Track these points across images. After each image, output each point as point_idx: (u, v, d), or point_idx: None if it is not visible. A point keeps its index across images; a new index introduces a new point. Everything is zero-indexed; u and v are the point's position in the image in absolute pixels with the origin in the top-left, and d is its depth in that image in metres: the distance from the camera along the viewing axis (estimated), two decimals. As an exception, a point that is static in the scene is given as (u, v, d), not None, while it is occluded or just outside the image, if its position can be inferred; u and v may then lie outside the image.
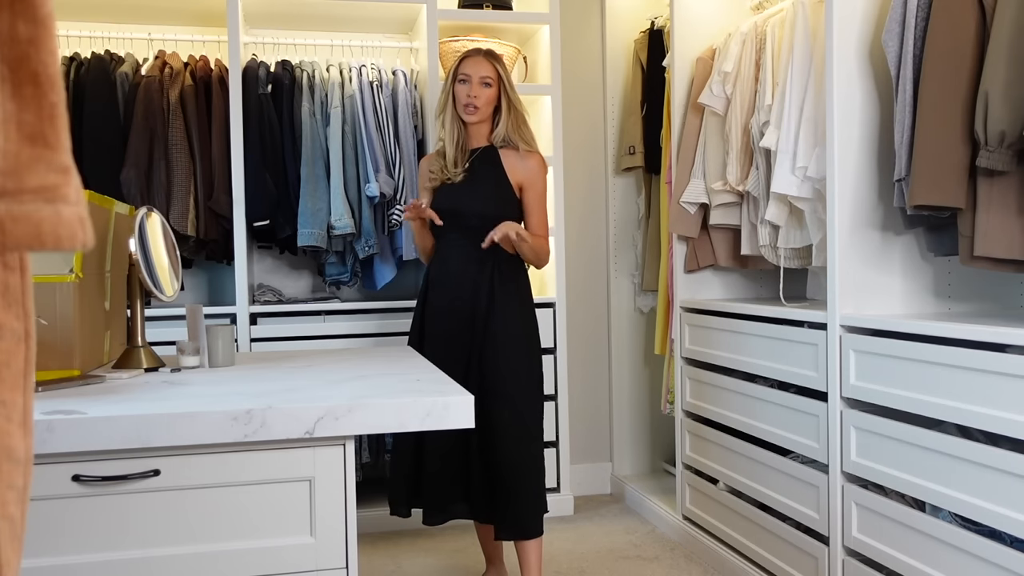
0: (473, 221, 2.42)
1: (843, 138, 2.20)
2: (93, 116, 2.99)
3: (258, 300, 3.29)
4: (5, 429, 0.47)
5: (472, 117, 2.45)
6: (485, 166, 2.47)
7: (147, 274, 1.73)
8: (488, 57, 2.48)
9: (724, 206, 2.81)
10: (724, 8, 3.03)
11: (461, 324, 2.43)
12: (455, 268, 2.46)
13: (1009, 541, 1.73)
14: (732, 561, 2.69)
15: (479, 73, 2.44)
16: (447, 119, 2.49)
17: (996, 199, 1.86)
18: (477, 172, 2.47)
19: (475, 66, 2.45)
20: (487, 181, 2.46)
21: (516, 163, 2.46)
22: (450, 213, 2.44)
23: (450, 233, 2.47)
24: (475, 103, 2.43)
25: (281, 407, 1.27)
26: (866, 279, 2.21)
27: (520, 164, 2.46)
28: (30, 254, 0.48)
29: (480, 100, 2.43)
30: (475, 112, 2.44)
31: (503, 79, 2.47)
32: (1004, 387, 1.70)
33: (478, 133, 2.51)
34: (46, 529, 1.25)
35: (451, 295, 2.45)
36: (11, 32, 0.43)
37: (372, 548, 3.05)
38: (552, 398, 3.32)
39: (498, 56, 2.51)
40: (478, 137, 2.51)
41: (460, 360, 2.40)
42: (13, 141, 0.43)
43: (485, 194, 2.45)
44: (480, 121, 2.47)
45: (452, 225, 2.46)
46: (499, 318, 2.41)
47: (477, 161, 2.48)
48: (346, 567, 1.36)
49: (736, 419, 2.67)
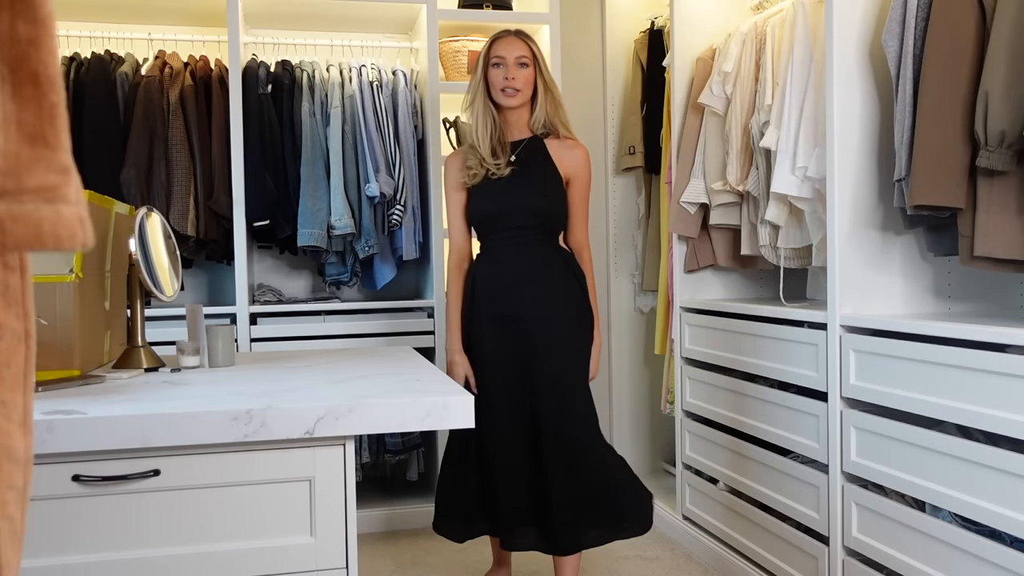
0: (528, 219, 2.27)
1: (843, 138, 2.20)
2: (93, 116, 2.99)
3: (258, 300, 3.29)
4: (5, 429, 0.47)
5: (512, 100, 2.26)
6: (534, 158, 2.30)
7: (147, 274, 1.73)
8: (521, 36, 2.31)
9: (724, 206, 2.81)
10: (724, 8, 3.03)
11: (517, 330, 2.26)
12: (510, 270, 2.28)
13: (1009, 541, 1.73)
14: (732, 561, 2.69)
15: (514, 53, 2.27)
16: (478, 109, 2.30)
17: (996, 199, 1.86)
18: (527, 164, 2.29)
19: (509, 47, 2.28)
20: (539, 174, 2.29)
21: (563, 153, 2.31)
22: (501, 212, 2.28)
23: (502, 232, 2.30)
24: (514, 85, 2.25)
25: (281, 407, 1.27)
26: (866, 279, 2.21)
27: (567, 154, 2.31)
28: (30, 254, 0.48)
29: (519, 81, 2.25)
30: (515, 95, 2.26)
31: (539, 59, 2.30)
32: (1004, 387, 1.70)
33: (517, 122, 2.33)
34: (46, 529, 1.25)
35: (505, 299, 2.28)
36: (11, 32, 0.43)
37: (372, 548, 3.05)
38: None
39: (531, 37, 2.35)
40: (517, 126, 2.33)
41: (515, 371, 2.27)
42: (13, 141, 0.43)
43: (539, 189, 2.28)
44: (520, 105, 2.29)
45: (504, 223, 2.28)
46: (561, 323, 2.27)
47: (524, 153, 2.31)
48: (346, 567, 1.36)
49: (736, 419, 2.67)
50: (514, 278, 2.27)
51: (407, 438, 3.38)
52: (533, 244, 2.27)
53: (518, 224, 2.27)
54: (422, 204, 3.37)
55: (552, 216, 2.28)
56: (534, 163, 2.29)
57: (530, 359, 2.26)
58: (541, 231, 2.28)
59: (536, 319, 2.26)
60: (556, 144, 2.32)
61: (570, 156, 2.31)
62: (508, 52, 2.27)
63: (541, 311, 2.27)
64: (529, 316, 2.26)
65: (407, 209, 3.24)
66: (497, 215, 2.28)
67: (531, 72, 2.28)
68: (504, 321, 2.28)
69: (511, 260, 2.29)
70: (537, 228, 2.27)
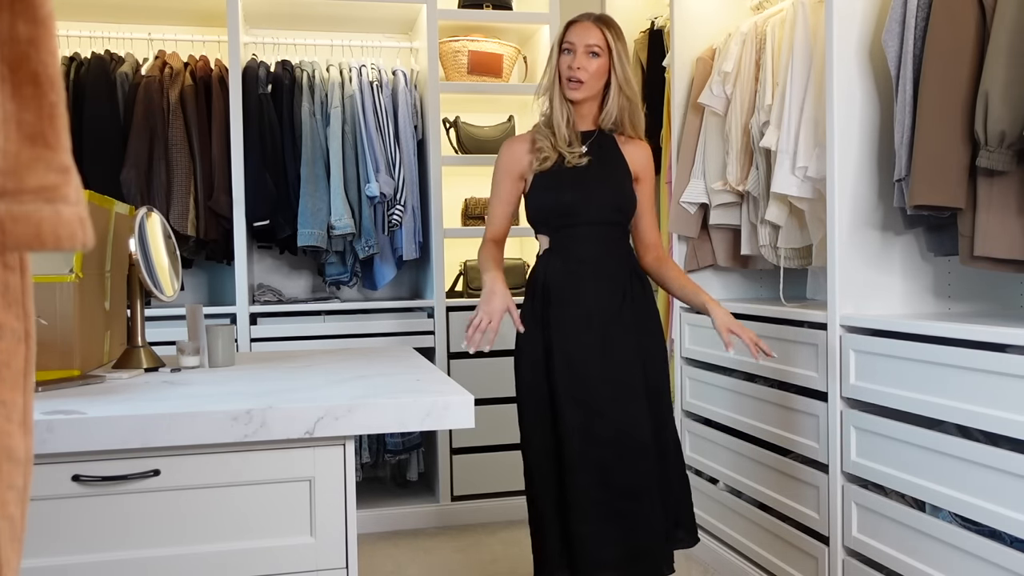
0: (609, 214, 2.08)
1: (843, 138, 2.20)
2: (93, 116, 2.99)
3: (258, 300, 3.29)
4: (5, 429, 0.47)
5: (576, 93, 2.05)
6: (606, 150, 2.12)
7: (147, 274, 1.73)
8: (599, 23, 2.07)
9: (724, 206, 2.81)
10: (724, 8, 3.03)
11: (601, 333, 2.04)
12: (590, 270, 2.07)
13: (1009, 541, 1.73)
14: (732, 561, 2.69)
15: (585, 40, 2.04)
16: (555, 97, 2.10)
17: (996, 199, 1.86)
18: (601, 155, 2.10)
19: (582, 33, 2.06)
20: (615, 167, 2.10)
21: (631, 149, 2.14)
22: (580, 202, 2.06)
23: (579, 227, 2.07)
24: (579, 76, 2.03)
25: (281, 407, 1.27)
26: (866, 279, 2.21)
27: (636, 151, 2.14)
28: (30, 254, 0.48)
29: (584, 72, 2.04)
30: (579, 87, 2.04)
31: (614, 50, 2.06)
32: (1004, 387, 1.70)
33: (586, 115, 2.13)
34: (46, 529, 1.25)
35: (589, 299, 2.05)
36: (11, 32, 0.43)
37: (372, 548, 3.05)
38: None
39: (612, 23, 2.10)
40: (585, 121, 2.13)
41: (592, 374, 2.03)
42: (13, 141, 0.43)
43: (617, 181, 2.09)
44: (586, 99, 2.08)
45: (582, 217, 2.07)
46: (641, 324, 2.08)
47: (595, 145, 2.11)
48: (346, 567, 1.36)
49: (736, 419, 2.67)
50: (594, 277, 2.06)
51: (407, 438, 3.38)
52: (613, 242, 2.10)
53: (598, 219, 2.08)
54: (422, 204, 3.37)
55: (628, 213, 2.12)
56: (608, 155, 2.11)
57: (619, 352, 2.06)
58: (621, 228, 2.12)
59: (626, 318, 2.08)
60: (623, 140, 2.15)
61: (639, 153, 2.15)
62: (579, 39, 2.06)
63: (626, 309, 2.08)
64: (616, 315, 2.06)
65: (407, 209, 3.24)
66: (573, 205, 2.06)
67: (604, 63, 2.06)
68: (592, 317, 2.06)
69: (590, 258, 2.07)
70: (617, 225, 2.11)
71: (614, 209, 2.09)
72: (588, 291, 2.05)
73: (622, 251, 2.11)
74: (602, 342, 2.03)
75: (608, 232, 2.09)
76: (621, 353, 2.03)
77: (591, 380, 2.01)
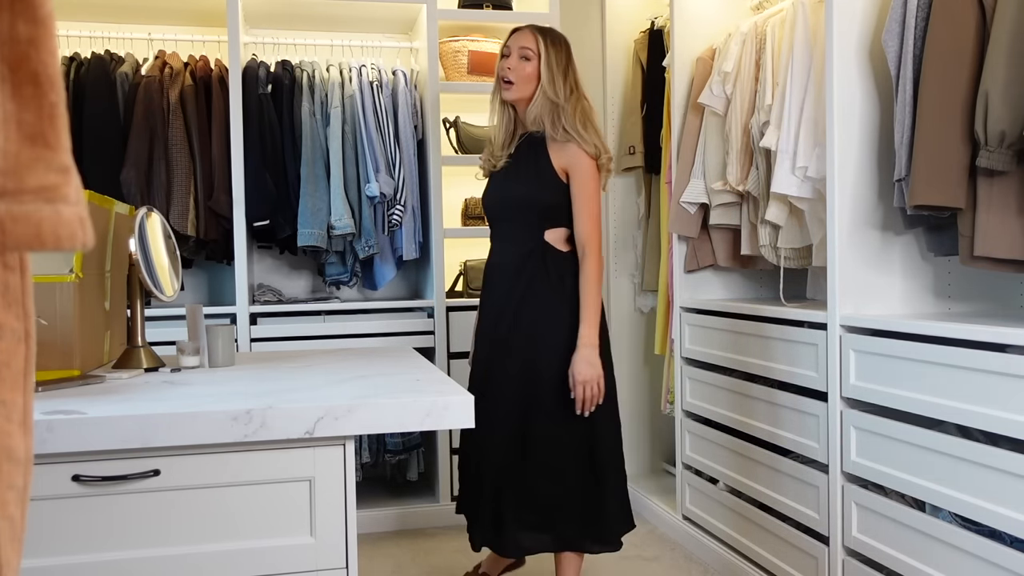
0: (512, 212, 2.25)
1: (843, 138, 2.20)
2: (93, 116, 2.99)
3: (258, 300, 3.29)
4: (5, 429, 0.47)
5: (507, 94, 2.22)
6: (528, 151, 2.25)
7: (147, 274, 1.73)
8: (535, 30, 2.23)
9: (724, 206, 2.81)
10: (724, 8, 3.03)
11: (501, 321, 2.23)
12: (497, 263, 2.28)
13: (1009, 541, 1.73)
14: (732, 561, 2.69)
15: (519, 44, 2.21)
16: (496, 101, 2.29)
17: (996, 199, 1.86)
18: (521, 156, 2.26)
19: (518, 38, 2.23)
20: (528, 163, 2.23)
21: (559, 149, 2.20)
22: (495, 202, 2.29)
23: (497, 224, 2.32)
24: (508, 76, 2.19)
25: (281, 407, 1.27)
26: (866, 279, 2.21)
27: (562, 151, 2.19)
28: (30, 254, 0.48)
29: (515, 73, 2.19)
30: (510, 89, 2.20)
31: (543, 55, 2.19)
32: (1004, 387, 1.70)
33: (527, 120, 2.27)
34: (46, 529, 1.25)
35: (496, 297, 2.26)
36: (11, 32, 0.43)
37: (372, 548, 3.05)
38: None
39: (549, 31, 2.24)
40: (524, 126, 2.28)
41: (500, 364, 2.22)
42: (13, 141, 0.43)
43: (527, 176, 2.22)
44: (518, 99, 2.23)
45: (498, 215, 2.30)
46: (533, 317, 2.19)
47: (524, 145, 2.26)
48: (346, 567, 1.36)
49: (736, 419, 2.67)
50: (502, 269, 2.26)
51: (407, 438, 3.38)
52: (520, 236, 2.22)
53: (507, 216, 2.27)
54: (422, 204, 3.37)
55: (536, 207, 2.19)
56: (528, 153, 2.23)
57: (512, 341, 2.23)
58: (533, 224, 2.20)
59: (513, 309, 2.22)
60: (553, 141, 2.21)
61: (564, 153, 2.19)
62: (515, 43, 2.23)
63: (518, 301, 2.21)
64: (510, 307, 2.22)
65: (407, 209, 3.24)
66: (490, 205, 2.32)
67: (535, 66, 2.19)
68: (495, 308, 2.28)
69: (500, 252, 2.30)
70: (525, 221, 2.20)
71: (519, 207, 2.22)
72: (494, 284, 2.28)
73: (530, 246, 2.20)
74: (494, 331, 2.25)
75: (518, 229, 2.23)
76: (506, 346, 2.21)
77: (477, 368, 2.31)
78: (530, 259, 2.19)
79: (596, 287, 2.16)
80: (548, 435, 2.18)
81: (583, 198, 2.18)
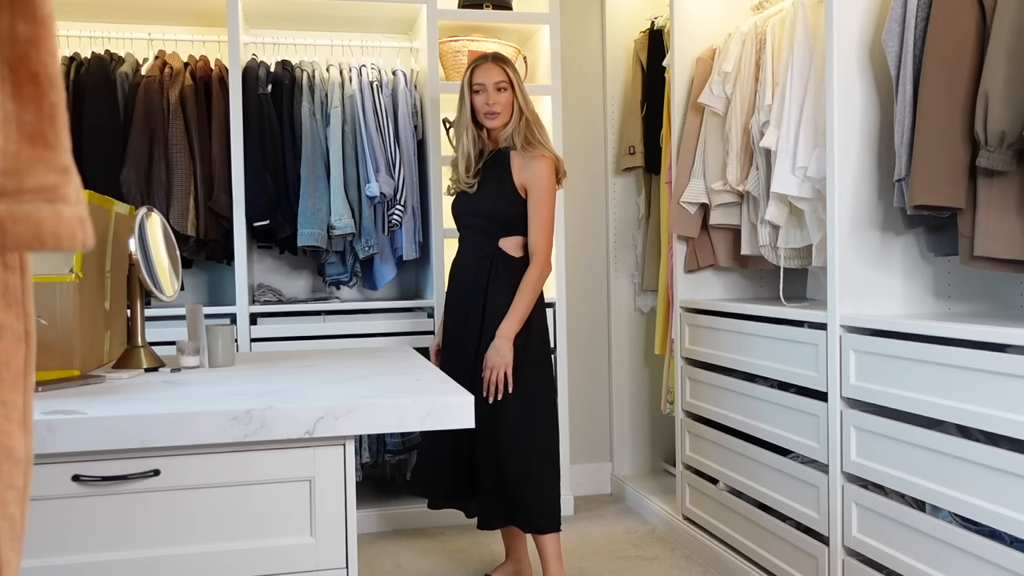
0: (475, 220, 2.55)
1: (843, 138, 2.20)
2: (93, 116, 2.99)
3: (258, 300, 3.29)
4: (5, 429, 0.47)
5: (495, 122, 2.52)
6: (494, 168, 2.55)
7: (147, 274, 1.73)
8: (497, 62, 2.55)
9: (724, 206, 2.81)
10: (724, 8, 3.03)
11: (465, 324, 2.53)
12: (460, 263, 2.59)
13: (1009, 541, 1.73)
14: (732, 561, 2.69)
15: (492, 79, 2.51)
16: (463, 130, 2.56)
17: (996, 199, 1.86)
18: (490, 171, 2.55)
19: (487, 73, 2.52)
20: (491, 181, 2.53)
21: (522, 164, 2.50)
22: (461, 212, 2.59)
23: (461, 232, 2.63)
24: (495, 109, 2.51)
25: (281, 407, 1.27)
26: (866, 279, 2.21)
27: (526, 165, 2.49)
28: (30, 254, 0.48)
29: (499, 105, 2.51)
30: (496, 117, 2.51)
31: (514, 82, 2.53)
32: (1004, 387, 1.70)
33: (496, 139, 2.57)
34: (46, 529, 1.25)
35: (458, 295, 2.57)
36: (11, 32, 0.43)
37: (372, 548, 3.05)
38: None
39: (506, 59, 2.58)
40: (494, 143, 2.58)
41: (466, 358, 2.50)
42: (13, 141, 0.43)
43: (490, 192, 2.52)
44: (503, 125, 2.54)
45: (463, 223, 2.60)
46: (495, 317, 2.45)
47: (491, 162, 2.56)
48: (346, 567, 1.36)
49: (736, 419, 2.67)
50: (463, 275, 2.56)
51: (407, 438, 3.38)
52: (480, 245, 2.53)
53: (469, 224, 2.57)
54: (422, 204, 3.37)
55: (495, 218, 2.50)
56: (492, 172, 2.54)
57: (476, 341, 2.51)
58: (492, 233, 2.52)
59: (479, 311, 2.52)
60: (518, 155, 2.50)
61: (528, 166, 2.48)
62: (487, 79, 2.51)
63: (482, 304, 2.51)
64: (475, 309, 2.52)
65: (407, 209, 3.24)
66: (458, 215, 2.61)
67: (510, 95, 2.52)
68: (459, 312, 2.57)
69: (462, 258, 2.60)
70: (484, 230, 2.52)
71: (482, 217, 2.52)
72: (457, 282, 2.58)
73: (486, 251, 2.51)
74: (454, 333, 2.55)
75: (478, 235, 2.53)
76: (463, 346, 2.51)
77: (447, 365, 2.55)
78: (484, 262, 2.51)
79: (532, 289, 2.45)
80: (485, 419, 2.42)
81: (538, 209, 2.48)
